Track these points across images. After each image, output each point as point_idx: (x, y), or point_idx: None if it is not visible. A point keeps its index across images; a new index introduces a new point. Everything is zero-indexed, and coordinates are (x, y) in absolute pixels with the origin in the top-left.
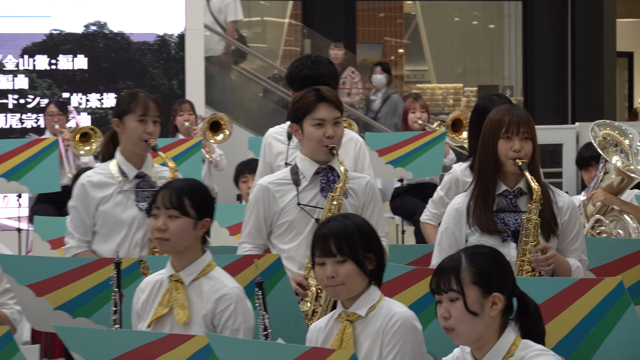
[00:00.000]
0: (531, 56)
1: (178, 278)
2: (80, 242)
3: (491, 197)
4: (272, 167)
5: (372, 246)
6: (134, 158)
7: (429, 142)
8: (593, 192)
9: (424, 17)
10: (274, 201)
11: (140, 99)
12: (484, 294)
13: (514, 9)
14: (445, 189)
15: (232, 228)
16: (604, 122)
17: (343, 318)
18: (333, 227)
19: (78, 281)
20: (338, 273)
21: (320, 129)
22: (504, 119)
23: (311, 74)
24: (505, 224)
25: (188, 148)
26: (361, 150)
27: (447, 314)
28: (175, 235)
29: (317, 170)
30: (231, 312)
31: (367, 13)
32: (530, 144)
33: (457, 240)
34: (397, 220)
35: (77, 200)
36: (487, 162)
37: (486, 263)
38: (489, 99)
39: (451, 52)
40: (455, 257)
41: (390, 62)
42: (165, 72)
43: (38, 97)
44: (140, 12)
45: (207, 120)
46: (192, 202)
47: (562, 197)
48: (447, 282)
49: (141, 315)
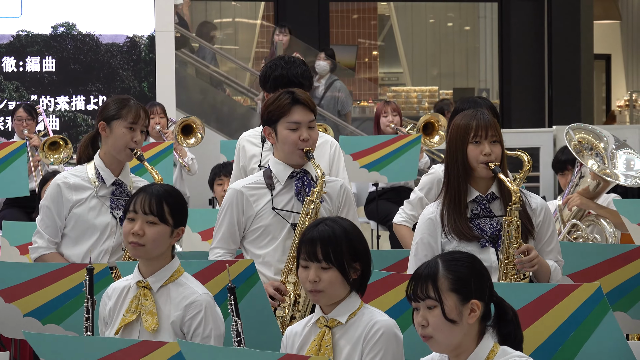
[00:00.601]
0: (507, 58)
1: (146, 284)
2: (49, 243)
3: (464, 204)
4: (246, 170)
5: (359, 255)
6: (113, 164)
7: (404, 146)
8: (569, 197)
9: (398, 19)
10: (248, 205)
11: (132, 106)
12: (462, 301)
13: (490, 10)
14: (425, 190)
15: (204, 233)
16: (579, 126)
17: (322, 323)
18: (322, 231)
19: (48, 287)
20: (321, 279)
21: (295, 133)
22: (471, 123)
23: (284, 74)
24: (482, 230)
25: (159, 152)
26: (336, 152)
27: (425, 322)
28: (152, 242)
29: (292, 174)
30: (201, 319)
31: (340, 14)
32: (499, 147)
33: (433, 250)
34: (372, 225)
35: (51, 201)
36: (456, 169)
37: (463, 270)
38: (474, 102)
39: (426, 54)
40: (432, 264)
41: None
42: (135, 74)
43: (5, 99)
44: (109, 13)
45: (178, 124)
46: (170, 210)
47: (534, 198)
48: (424, 290)
49: (108, 322)
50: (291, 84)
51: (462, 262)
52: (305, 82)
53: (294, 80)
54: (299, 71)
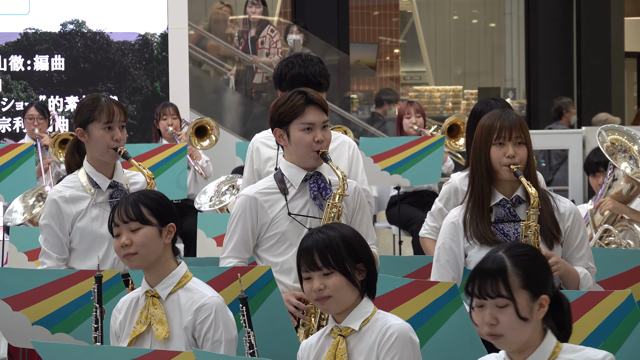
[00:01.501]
0: (535, 57)
1: (154, 293)
2: (58, 262)
3: (487, 207)
4: (260, 174)
5: (360, 256)
6: (103, 167)
7: (427, 148)
8: (601, 201)
9: (420, 16)
10: (263, 212)
11: (104, 105)
12: (533, 297)
13: (516, 7)
14: (444, 200)
15: (219, 238)
16: (612, 127)
17: (335, 333)
18: (316, 239)
19: (57, 295)
20: (326, 286)
21: (310, 134)
22: (494, 124)
23: (302, 72)
24: (505, 235)
25: (173, 154)
26: (354, 154)
27: (495, 321)
28: (142, 247)
29: (305, 177)
30: (211, 323)
31: (361, 11)
32: (524, 149)
33: (455, 255)
34: (394, 230)
35: (50, 218)
36: (480, 171)
37: (532, 264)
38: (487, 103)
39: (450, 53)
40: (498, 259)
41: (386, 63)
42: (147, 73)
43: (13, 99)
44: (120, 10)
45: (192, 125)
46: (150, 210)
47: (563, 202)
48: (494, 288)
49: (119, 335)
50: (309, 83)
51: (529, 257)
52: (324, 81)
53: (312, 80)
54: (317, 70)
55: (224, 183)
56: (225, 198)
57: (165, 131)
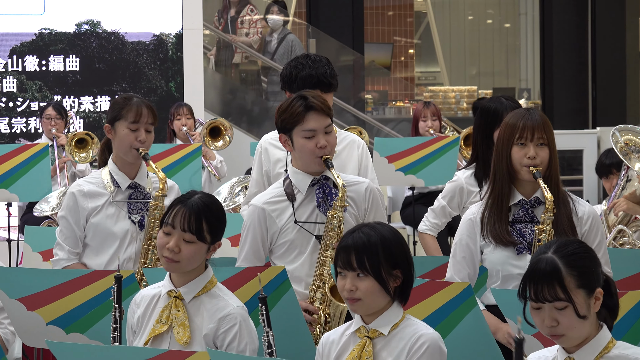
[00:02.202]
0: (549, 57)
1: (178, 294)
2: (70, 254)
3: (506, 207)
4: (269, 175)
5: (399, 262)
6: (127, 167)
7: (442, 148)
8: (615, 201)
9: (435, 16)
10: (271, 222)
11: (133, 104)
12: (589, 294)
13: (531, 7)
14: (447, 198)
15: (233, 239)
16: (626, 127)
17: (362, 334)
18: (356, 239)
19: (72, 294)
20: (358, 288)
21: (312, 140)
22: (517, 123)
23: (313, 74)
24: (521, 235)
25: (187, 154)
26: (364, 153)
27: (555, 322)
28: (187, 260)
29: (312, 182)
30: (235, 333)
31: (375, 11)
32: (546, 150)
33: (471, 252)
34: (408, 230)
35: (67, 210)
36: (501, 170)
37: (584, 262)
38: (499, 102)
39: (465, 53)
40: (550, 261)
41: (400, 63)
42: (162, 73)
43: (28, 100)
44: (135, 11)
45: (206, 126)
46: (209, 227)
47: (582, 206)
48: (552, 292)
49: (136, 330)
50: (321, 84)
51: (580, 255)
52: (334, 81)
53: (323, 80)
54: (327, 70)
55: (236, 184)
56: (238, 199)
57: (180, 131)
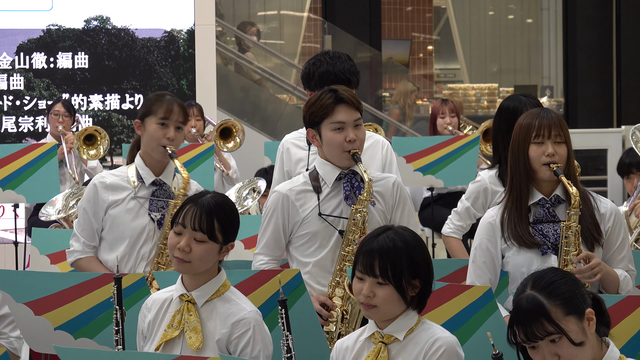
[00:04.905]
0: (573, 53)
1: (190, 298)
2: (85, 247)
3: (525, 207)
4: (290, 176)
5: (420, 271)
6: (153, 163)
7: (462, 147)
8: (635, 202)
9: (455, 11)
10: (294, 210)
11: (165, 101)
12: (580, 317)
13: (554, 2)
14: (471, 199)
15: (247, 241)
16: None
17: (377, 339)
18: (382, 243)
19: (80, 299)
20: (376, 294)
21: (341, 133)
22: (533, 122)
23: (331, 70)
24: (544, 236)
25: (200, 153)
26: (388, 153)
27: (556, 357)
28: (198, 260)
29: (339, 175)
30: (249, 338)
31: (393, 6)
32: (564, 148)
33: (492, 256)
34: (427, 232)
35: (87, 202)
36: (518, 170)
37: (564, 288)
38: (517, 99)
39: (485, 49)
40: (530, 298)
41: (419, 60)
42: (173, 71)
43: (35, 98)
44: (146, 6)
45: (216, 128)
46: (221, 227)
47: (604, 203)
48: (540, 329)
49: (147, 335)
50: (338, 81)
51: (558, 282)
52: (353, 78)
53: (341, 77)
54: (345, 67)
55: (244, 187)
56: (247, 203)
57: (188, 132)
